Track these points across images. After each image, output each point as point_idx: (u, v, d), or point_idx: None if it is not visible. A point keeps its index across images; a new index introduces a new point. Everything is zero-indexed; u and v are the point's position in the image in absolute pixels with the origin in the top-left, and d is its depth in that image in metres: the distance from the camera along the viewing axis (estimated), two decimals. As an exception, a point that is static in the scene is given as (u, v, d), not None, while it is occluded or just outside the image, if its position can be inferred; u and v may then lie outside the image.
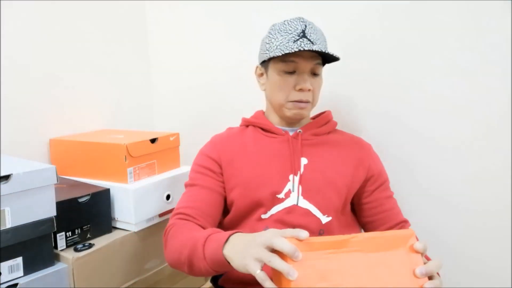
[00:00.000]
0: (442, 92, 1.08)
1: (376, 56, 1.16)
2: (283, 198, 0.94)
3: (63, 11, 1.35)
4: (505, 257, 1.04)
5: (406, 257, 0.67)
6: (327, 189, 0.95)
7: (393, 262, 0.66)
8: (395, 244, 0.67)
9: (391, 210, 1.00)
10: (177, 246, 0.87)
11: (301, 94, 0.97)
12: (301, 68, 0.96)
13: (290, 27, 0.96)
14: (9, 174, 0.88)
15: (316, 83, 0.99)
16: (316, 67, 0.98)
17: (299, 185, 0.95)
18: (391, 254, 0.66)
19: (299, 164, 0.97)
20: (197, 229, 0.89)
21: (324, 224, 0.93)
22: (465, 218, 1.09)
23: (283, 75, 0.97)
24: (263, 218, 0.94)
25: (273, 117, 1.06)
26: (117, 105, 1.55)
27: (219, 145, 1.04)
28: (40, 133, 1.30)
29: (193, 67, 1.54)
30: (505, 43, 0.98)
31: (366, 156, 1.02)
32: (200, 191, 0.98)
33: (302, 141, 1.00)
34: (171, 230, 0.92)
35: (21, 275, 0.92)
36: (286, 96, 0.98)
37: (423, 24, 1.08)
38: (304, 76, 0.97)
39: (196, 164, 1.04)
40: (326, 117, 1.07)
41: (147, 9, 1.61)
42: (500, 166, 1.03)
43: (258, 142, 1.02)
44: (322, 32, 1.00)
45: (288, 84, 0.97)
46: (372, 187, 1.01)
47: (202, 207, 0.96)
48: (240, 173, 0.98)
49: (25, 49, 1.26)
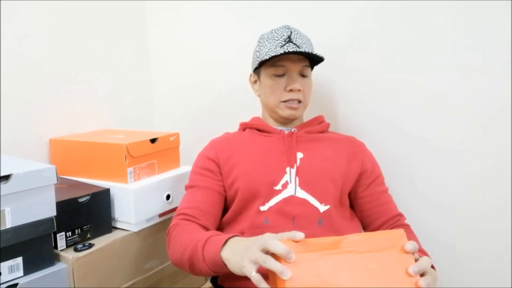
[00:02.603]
0: (439, 92, 1.08)
1: (374, 56, 1.16)
2: (280, 189, 0.97)
3: (62, 11, 1.35)
4: (505, 257, 1.04)
5: (398, 257, 0.69)
6: (323, 179, 0.98)
7: (386, 262, 0.68)
8: (387, 244, 0.70)
9: (386, 204, 1.04)
10: (179, 247, 0.90)
11: (291, 94, 1.03)
12: (290, 71, 1.04)
13: (277, 35, 1.04)
14: (9, 174, 0.88)
15: (306, 84, 1.06)
16: (304, 69, 1.05)
17: (296, 176, 0.99)
18: (384, 254, 0.68)
19: (295, 158, 1.02)
20: (198, 230, 0.92)
21: (322, 212, 0.96)
22: (464, 218, 1.09)
23: (274, 79, 1.05)
24: (262, 211, 0.96)
25: (268, 120, 1.12)
26: (117, 105, 1.55)
27: (217, 145, 1.08)
28: (40, 133, 1.30)
29: (193, 67, 1.54)
30: (505, 43, 0.98)
31: (360, 151, 1.07)
32: (200, 192, 1.02)
33: (297, 138, 1.05)
34: (174, 231, 0.96)
35: (21, 275, 0.92)
36: (278, 97, 1.05)
37: (421, 24, 1.08)
38: (293, 77, 1.04)
39: (195, 166, 1.08)
40: (319, 119, 1.13)
41: (147, 9, 1.61)
42: (499, 166, 1.03)
43: (255, 140, 1.07)
44: (308, 38, 1.07)
45: (279, 86, 1.04)
46: (367, 181, 1.04)
47: (203, 207, 0.99)
48: (238, 168, 1.01)
49: (24, 49, 1.26)
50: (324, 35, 1.22)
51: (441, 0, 1.05)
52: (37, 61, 1.30)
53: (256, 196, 0.98)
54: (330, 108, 1.23)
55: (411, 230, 1.04)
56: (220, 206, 1.03)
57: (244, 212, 1.00)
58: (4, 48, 1.21)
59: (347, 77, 1.21)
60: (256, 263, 0.67)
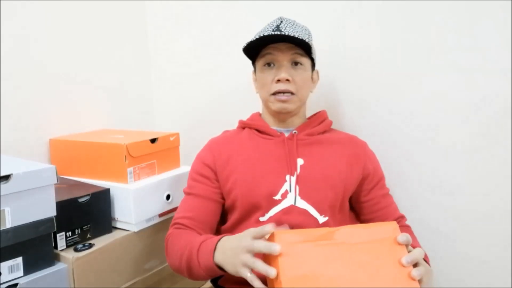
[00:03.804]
0: (439, 92, 1.08)
1: (374, 56, 1.16)
2: (280, 199, 0.95)
3: (63, 11, 1.35)
4: (505, 257, 1.04)
5: (391, 248, 0.70)
6: (324, 188, 0.96)
7: (379, 253, 0.69)
8: (379, 236, 0.71)
9: (387, 208, 1.03)
10: (176, 254, 0.93)
11: (280, 85, 0.98)
12: (279, 60, 0.98)
13: (268, 26, 1.01)
14: (9, 174, 0.88)
15: (298, 74, 0.99)
16: (295, 57, 0.98)
17: (296, 185, 0.96)
18: (376, 246, 0.70)
19: (295, 165, 0.98)
20: (193, 235, 0.94)
21: (321, 224, 0.95)
22: (464, 218, 1.09)
23: (264, 70, 1.01)
24: (262, 221, 0.95)
25: (268, 118, 1.08)
26: (117, 105, 1.55)
27: (215, 149, 1.05)
28: (40, 133, 1.30)
29: (193, 67, 1.54)
30: (505, 43, 0.98)
31: (361, 153, 1.04)
32: (196, 200, 1.02)
33: (298, 141, 1.01)
34: (170, 239, 0.98)
35: (21, 275, 0.92)
36: (268, 90, 1.00)
37: (421, 24, 1.08)
38: (282, 67, 0.98)
39: (193, 170, 1.07)
40: (321, 116, 1.09)
41: (147, 9, 1.61)
42: (499, 166, 1.03)
43: (254, 143, 1.03)
44: (304, 28, 1.01)
45: (268, 78, 1.00)
46: (369, 186, 1.03)
47: (198, 217, 1.00)
48: (235, 175, 0.99)
49: (24, 49, 1.26)
50: (324, 35, 1.22)
51: (441, 0, 1.05)
52: (37, 61, 1.29)
53: (255, 207, 0.96)
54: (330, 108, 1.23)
55: (411, 231, 1.04)
56: (216, 214, 1.03)
57: (243, 222, 0.99)
58: (4, 48, 1.21)
59: (347, 77, 1.21)
60: (248, 266, 0.73)
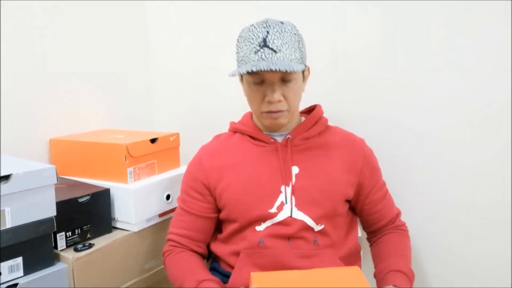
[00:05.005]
0: (440, 92, 1.08)
1: (374, 56, 1.16)
2: (276, 212, 0.94)
3: (62, 11, 1.35)
4: (505, 257, 1.04)
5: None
6: (320, 197, 0.95)
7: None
8: (343, 278, 0.80)
9: (383, 209, 1.05)
10: (175, 279, 0.99)
11: (271, 105, 0.93)
12: (269, 79, 0.92)
13: (253, 34, 0.92)
14: (9, 174, 0.88)
15: (290, 90, 0.94)
16: (285, 75, 0.92)
17: (292, 196, 0.95)
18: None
19: (290, 174, 0.97)
20: (186, 265, 0.99)
21: (317, 231, 0.95)
22: (465, 218, 1.09)
23: (252, 87, 0.95)
24: (258, 231, 0.96)
25: (259, 123, 1.04)
26: (117, 105, 1.54)
27: (206, 164, 1.03)
28: (40, 133, 1.30)
29: (193, 67, 1.54)
30: (505, 43, 0.98)
31: (359, 158, 1.01)
32: (189, 217, 1.04)
33: (292, 148, 0.98)
34: (167, 258, 1.03)
35: (21, 275, 0.92)
36: (258, 107, 0.96)
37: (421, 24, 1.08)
38: (272, 86, 0.92)
39: (185, 183, 1.06)
40: (316, 114, 1.04)
41: (147, 9, 1.61)
42: (499, 166, 1.03)
43: (247, 153, 1.01)
44: (290, 35, 0.92)
45: (258, 96, 0.94)
46: (366, 191, 1.03)
47: (191, 235, 1.03)
48: (230, 191, 0.98)
49: (24, 49, 1.26)
50: (324, 35, 1.22)
51: (441, 0, 1.05)
52: (37, 61, 1.29)
53: (251, 221, 0.96)
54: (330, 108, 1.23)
55: (405, 234, 1.04)
56: (210, 229, 1.05)
57: (240, 233, 0.99)
58: (4, 48, 1.21)
59: (347, 78, 1.21)
60: None
